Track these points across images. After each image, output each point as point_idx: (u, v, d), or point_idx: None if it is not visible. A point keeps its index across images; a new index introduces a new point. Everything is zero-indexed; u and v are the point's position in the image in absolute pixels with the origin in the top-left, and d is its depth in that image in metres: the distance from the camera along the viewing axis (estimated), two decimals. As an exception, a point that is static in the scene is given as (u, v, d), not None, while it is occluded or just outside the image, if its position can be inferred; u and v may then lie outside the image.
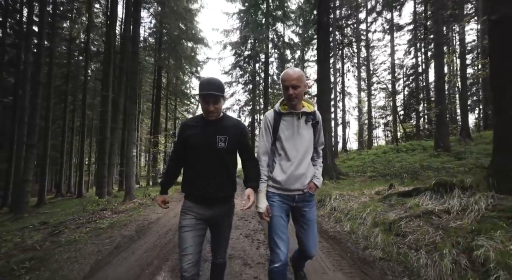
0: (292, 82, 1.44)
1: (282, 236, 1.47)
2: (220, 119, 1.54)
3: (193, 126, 1.52)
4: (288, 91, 1.46)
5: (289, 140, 1.52)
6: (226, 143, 1.47)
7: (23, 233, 4.64)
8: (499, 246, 1.83)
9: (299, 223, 1.60)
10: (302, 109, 1.53)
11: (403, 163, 6.72)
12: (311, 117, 1.56)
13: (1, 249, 3.39)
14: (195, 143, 1.47)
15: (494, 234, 1.99)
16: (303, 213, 1.57)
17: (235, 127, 1.54)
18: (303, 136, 1.54)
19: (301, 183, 1.53)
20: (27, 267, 2.72)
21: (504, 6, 2.63)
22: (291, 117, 1.53)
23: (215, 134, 1.47)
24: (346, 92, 24.06)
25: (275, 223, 1.49)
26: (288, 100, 1.49)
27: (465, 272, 1.82)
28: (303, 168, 1.53)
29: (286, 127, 1.53)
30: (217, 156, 1.47)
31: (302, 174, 1.52)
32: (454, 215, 2.63)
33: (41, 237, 4.03)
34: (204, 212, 1.48)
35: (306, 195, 1.56)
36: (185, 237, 1.40)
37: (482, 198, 2.56)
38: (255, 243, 3.23)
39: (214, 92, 1.40)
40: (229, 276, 2.32)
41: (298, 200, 1.55)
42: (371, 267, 2.42)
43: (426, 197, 3.27)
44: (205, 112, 1.47)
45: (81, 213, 6.12)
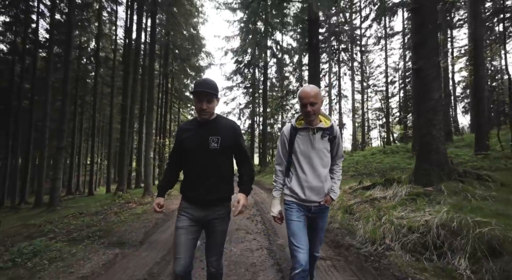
0: (310, 99, 1.50)
1: (301, 240, 1.51)
2: (213, 120, 1.56)
3: (188, 129, 1.56)
4: (306, 108, 1.52)
5: (305, 154, 1.59)
6: (218, 143, 1.50)
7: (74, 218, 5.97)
8: (395, 213, 3.16)
9: (311, 230, 1.68)
10: (319, 125, 1.59)
11: (379, 165, 8.04)
12: (327, 132, 1.61)
13: (71, 226, 4.72)
14: (189, 145, 1.52)
15: (399, 208, 3.32)
16: (316, 222, 1.68)
17: (228, 127, 1.57)
18: (319, 150, 1.58)
19: (317, 195, 1.59)
20: (98, 235, 4.05)
21: (422, 60, 3.96)
22: (306, 132, 1.59)
23: (208, 135, 1.50)
24: (343, 95, 25.34)
25: (293, 227, 1.56)
26: (306, 117, 1.55)
27: (378, 227, 3.15)
28: (319, 181, 1.58)
29: (302, 141, 1.60)
30: (210, 157, 1.49)
31: (319, 187, 1.59)
32: (387, 199, 3.96)
33: (92, 219, 5.36)
34: (198, 214, 1.51)
35: (322, 208, 1.64)
36: (180, 239, 1.45)
37: (405, 188, 3.90)
38: (254, 222, 4.56)
39: (208, 90, 1.45)
40: (237, 239, 3.63)
41: (314, 212, 1.62)
42: (329, 233, 3.75)
43: (377, 189, 4.60)
44: (198, 110, 1.50)
45: (111, 205, 7.47)
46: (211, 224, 1.52)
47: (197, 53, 16.33)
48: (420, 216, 2.81)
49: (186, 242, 1.45)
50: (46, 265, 2.80)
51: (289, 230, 1.57)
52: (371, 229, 3.12)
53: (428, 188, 3.65)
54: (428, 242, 2.44)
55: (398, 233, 2.75)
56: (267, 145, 23.44)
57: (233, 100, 21.58)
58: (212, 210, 1.51)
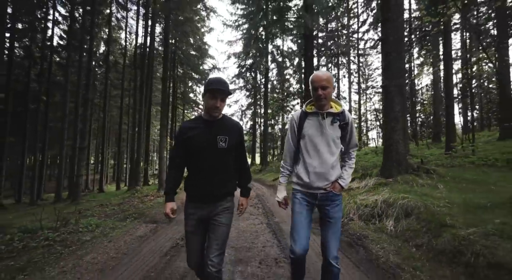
0: (322, 83, 1.52)
1: (300, 231, 1.56)
2: (221, 119, 1.62)
3: (193, 128, 1.58)
4: (317, 92, 1.53)
5: (313, 139, 1.58)
6: (226, 143, 1.55)
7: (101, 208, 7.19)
8: (360, 197, 4.35)
9: (323, 219, 1.64)
10: (329, 110, 1.59)
11: (365, 163, 9.22)
12: (337, 118, 1.59)
13: (107, 211, 5.94)
14: (197, 143, 1.55)
15: (364, 194, 4.51)
16: (325, 211, 1.61)
17: (234, 128, 1.64)
18: (328, 136, 1.57)
19: (323, 181, 1.58)
20: (134, 216, 5.26)
21: (387, 80, 5.15)
22: (316, 116, 1.60)
23: (216, 134, 1.55)
24: (341, 96, 26.53)
25: (294, 219, 1.61)
26: (318, 100, 1.56)
27: (346, 206, 4.34)
28: (325, 167, 1.57)
29: (311, 126, 1.60)
30: (218, 155, 1.55)
31: (324, 173, 1.57)
32: (360, 188, 5.15)
33: (120, 207, 6.57)
34: (202, 214, 1.58)
35: (329, 195, 1.60)
36: (190, 243, 1.61)
37: (373, 180, 5.09)
38: (256, 208, 5.76)
39: (224, 88, 1.50)
40: (243, 218, 4.81)
41: (321, 199, 1.60)
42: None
43: (355, 182, 5.78)
44: (211, 107, 1.53)
45: (130, 198, 8.68)
46: (214, 218, 1.57)
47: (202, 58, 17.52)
48: (374, 197, 4.00)
49: (198, 246, 1.62)
50: (111, 231, 4.03)
51: (291, 220, 1.63)
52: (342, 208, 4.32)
53: (389, 179, 4.83)
54: (374, 213, 3.63)
55: (358, 209, 3.94)
56: (268, 145, 24.62)
57: (236, 103, 22.79)
58: (217, 205, 1.58)
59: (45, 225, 4.08)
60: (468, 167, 5.63)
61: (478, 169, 5.25)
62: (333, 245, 1.57)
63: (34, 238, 3.48)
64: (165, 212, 1.59)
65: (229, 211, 1.62)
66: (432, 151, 10.11)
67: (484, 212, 2.71)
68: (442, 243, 2.45)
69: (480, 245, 2.16)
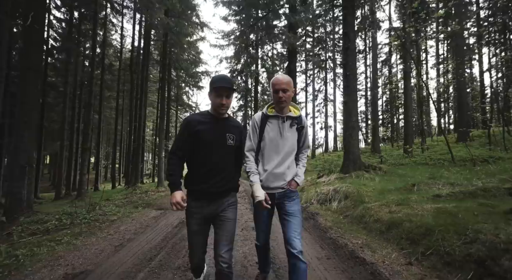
0: (282, 86, 1.61)
1: (262, 226, 1.82)
2: (228, 118, 1.71)
3: (202, 122, 1.61)
4: (278, 94, 1.62)
5: (273, 141, 1.68)
6: (234, 141, 1.65)
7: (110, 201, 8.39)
8: (322, 187, 5.82)
9: (281, 216, 1.73)
10: (288, 113, 1.70)
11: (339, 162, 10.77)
12: (295, 122, 1.71)
13: (117, 203, 7.16)
14: (207, 138, 1.58)
15: (326, 185, 5.97)
16: (283, 206, 1.72)
17: (239, 128, 1.75)
18: (287, 138, 1.68)
19: (279, 181, 1.69)
20: (143, 205, 6.54)
21: (347, 96, 6.62)
22: (276, 120, 1.69)
23: (225, 132, 1.63)
24: (329, 99, 28.27)
25: (257, 217, 1.83)
26: (278, 103, 1.66)
27: (310, 194, 5.78)
28: (283, 168, 1.69)
29: (271, 129, 1.69)
30: (226, 152, 1.63)
31: (282, 173, 1.68)
32: (325, 182, 6.62)
33: (127, 200, 7.81)
34: (207, 211, 1.60)
35: (286, 192, 1.72)
36: (192, 240, 1.65)
37: (335, 175, 6.56)
38: (244, 199, 7.13)
39: (228, 85, 1.54)
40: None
41: (279, 197, 1.71)
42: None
43: (323, 177, 7.26)
44: (217, 106, 1.58)
45: (132, 194, 9.89)
46: (221, 214, 1.59)
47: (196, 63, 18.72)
48: (329, 187, 5.46)
49: (200, 244, 1.65)
50: (130, 214, 5.32)
51: (255, 221, 1.87)
52: (307, 196, 5.77)
53: (346, 175, 6.32)
54: (327, 198, 5.08)
55: (317, 196, 5.39)
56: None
57: (227, 105, 24.04)
58: (221, 201, 1.60)
59: (77, 210, 5.33)
60: (409, 165, 7.21)
61: (415, 166, 6.82)
62: (296, 239, 1.59)
63: (75, 218, 4.74)
64: (175, 201, 1.50)
65: (234, 206, 1.67)
66: (399, 151, 11.78)
67: (388, 194, 4.19)
68: (357, 213, 3.91)
69: (374, 211, 3.62)
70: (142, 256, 2.93)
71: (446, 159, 6.84)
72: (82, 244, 3.44)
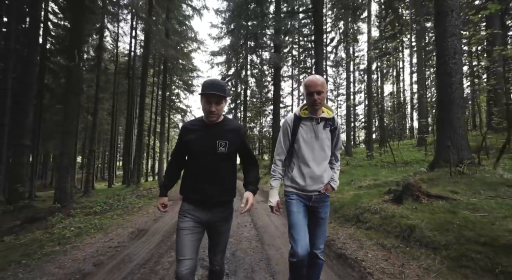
0: (317, 88, 1.60)
1: (300, 231, 1.60)
2: (221, 122, 1.60)
3: (193, 130, 1.59)
4: (313, 97, 1.61)
5: (308, 143, 1.69)
6: (226, 148, 1.55)
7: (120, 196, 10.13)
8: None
9: (312, 220, 1.74)
10: (322, 115, 1.69)
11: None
12: (329, 123, 1.71)
13: (126, 200, 8.94)
14: (196, 147, 1.56)
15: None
16: (317, 212, 1.73)
17: (235, 131, 1.61)
18: (322, 140, 1.69)
19: (318, 184, 1.70)
20: (155, 198, 8.37)
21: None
22: (310, 122, 1.70)
23: (216, 138, 1.55)
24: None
25: (293, 219, 1.66)
26: (313, 106, 1.64)
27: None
28: (320, 170, 1.70)
29: (305, 131, 1.70)
30: (216, 160, 1.56)
31: (320, 176, 1.70)
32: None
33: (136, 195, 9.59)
34: (202, 216, 1.56)
35: (322, 196, 1.73)
36: (184, 240, 1.48)
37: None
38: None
39: (217, 92, 1.46)
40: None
41: (315, 200, 1.71)
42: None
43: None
44: (207, 112, 1.52)
45: (136, 191, 11.62)
46: (215, 225, 1.59)
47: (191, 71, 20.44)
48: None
49: (191, 243, 1.48)
50: (150, 202, 7.17)
51: (289, 222, 1.67)
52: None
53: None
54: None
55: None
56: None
57: (218, 109, 25.87)
58: (216, 212, 1.58)
59: (108, 200, 7.13)
60: (365, 166, 9.40)
61: (368, 167, 9.01)
62: (320, 241, 1.72)
63: (111, 205, 6.55)
64: (157, 204, 1.74)
65: (228, 218, 1.65)
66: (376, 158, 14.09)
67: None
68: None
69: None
70: (170, 225, 4.84)
71: (391, 161, 9.06)
72: (130, 219, 5.32)
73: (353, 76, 20.35)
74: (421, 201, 3.63)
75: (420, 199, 3.66)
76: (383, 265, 2.66)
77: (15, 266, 2.92)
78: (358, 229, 3.79)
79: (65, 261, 3.10)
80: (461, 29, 5.73)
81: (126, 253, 3.36)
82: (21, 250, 3.44)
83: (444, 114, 5.57)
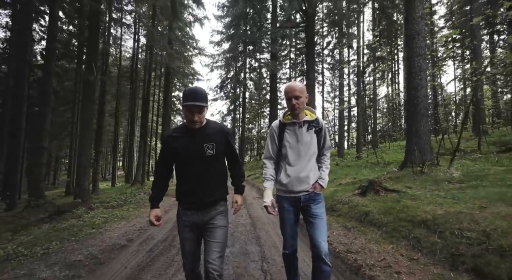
0: (295, 93, 1.71)
1: (289, 231, 1.84)
2: (204, 126, 1.66)
3: (178, 138, 1.64)
4: (291, 102, 1.72)
5: (293, 147, 1.80)
6: (214, 150, 1.63)
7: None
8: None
9: (307, 219, 1.82)
10: (304, 118, 1.80)
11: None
12: (313, 125, 1.82)
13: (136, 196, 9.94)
14: (184, 153, 1.62)
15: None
16: (309, 208, 1.82)
17: (220, 132, 1.69)
18: (306, 142, 1.79)
19: (304, 185, 1.79)
20: (161, 195, 9.39)
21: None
22: (293, 126, 1.81)
23: (202, 142, 1.61)
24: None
25: (283, 223, 1.86)
26: (292, 110, 1.77)
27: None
28: (306, 171, 1.79)
29: (290, 136, 1.81)
30: (206, 163, 1.63)
31: (306, 177, 1.79)
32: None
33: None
34: (197, 219, 1.64)
35: (311, 195, 1.82)
36: (186, 247, 1.67)
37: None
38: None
39: (199, 103, 1.51)
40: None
41: (304, 200, 1.81)
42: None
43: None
44: (189, 121, 1.58)
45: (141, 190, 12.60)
46: (210, 222, 1.64)
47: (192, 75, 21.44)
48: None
49: (192, 249, 1.67)
50: (158, 199, 8.18)
51: (281, 226, 1.88)
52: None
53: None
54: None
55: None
56: (246, 147, 29.03)
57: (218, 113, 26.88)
58: (210, 211, 1.65)
59: (121, 197, 8.12)
60: (352, 166, 10.44)
61: (354, 167, 10.05)
62: (323, 241, 1.70)
63: (124, 200, 7.55)
64: (149, 219, 1.67)
65: (224, 214, 1.70)
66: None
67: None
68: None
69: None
70: (182, 214, 5.87)
71: (375, 162, 10.09)
72: (144, 211, 6.34)
73: (348, 79, 21.35)
74: (379, 194, 4.66)
75: (379, 193, 4.69)
76: (342, 239, 3.69)
77: (68, 241, 3.92)
78: (331, 217, 4.82)
79: (104, 238, 4.11)
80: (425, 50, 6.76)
81: (148, 234, 4.38)
82: (66, 232, 4.43)
83: (411, 123, 6.61)
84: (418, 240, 3.03)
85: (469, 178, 4.93)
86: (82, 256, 3.27)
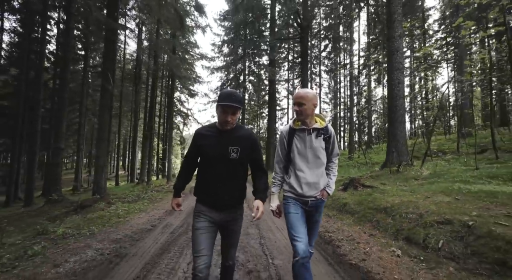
0: (297, 100, 1.81)
1: (300, 231, 1.76)
2: (234, 129, 1.72)
3: (206, 136, 1.72)
4: (294, 108, 1.84)
5: (302, 153, 1.86)
6: (238, 154, 1.68)
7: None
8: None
9: (307, 223, 1.89)
10: (314, 125, 1.88)
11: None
12: (322, 132, 1.88)
13: (147, 193, 10.93)
14: (209, 153, 1.69)
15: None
16: (312, 216, 1.92)
17: (247, 138, 1.74)
18: (315, 149, 1.86)
19: (313, 190, 1.85)
20: (169, 192, 10.36)
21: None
22: (303, 132, 1.87)
23: (228, 144, 1.66)
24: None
25: (292, 219, 1.83)
26: (296, 115, 1.86)
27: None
28: (315, 177, 1.86)
29: (299, 141, 1.88)
30: (229, 166, 1.68)
31: (315, 183, 1.85)
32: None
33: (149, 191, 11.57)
34: (215, 216, 1.70)
35: (318, 201, 1.89)
36: (200, 239, 1.63)
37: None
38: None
39: (235, 104, 1.59)
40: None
41: (311, 205, 1.88)
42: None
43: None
44: (222, 122, 1.65)
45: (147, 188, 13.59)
46: (227, 224, 1.75)
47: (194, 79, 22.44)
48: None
49: (206, 241, 1.64)
50: (166, 195, 9.18)
51: (288, 223, 1.83)
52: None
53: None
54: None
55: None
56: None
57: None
58: (228, 212, 1.73)
59: (131, 194, 9.10)
60: (343, 166, 11.44)
61: (345, 167, 11.05)
62: (312, 241, 1.98)
63: (138, 196, 8.53)
64: (172, 205, 1.89)
65: (239, 219, 1.81)
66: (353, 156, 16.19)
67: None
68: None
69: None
70: (190, 208, 6.79)
71: (363, 162, 11.10)
72: (157, 205, 7.34)
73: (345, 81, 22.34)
74: (357, 189, 5.67)
75: (358, 188, 5.70)
76: (323, 224, 4.68)
77: (104, 226, 4.90)
78: (318, 208, 5.83)
79: (131, 224, 5.10)
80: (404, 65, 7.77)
81: (167, 221, 5.38)
82: (98, 221, 5.40)
83: (391, 129, 7.64)
84: (378, 222, 4.05)
85: (434, 176, 5.95)
86: (121, 236, 4.27)
